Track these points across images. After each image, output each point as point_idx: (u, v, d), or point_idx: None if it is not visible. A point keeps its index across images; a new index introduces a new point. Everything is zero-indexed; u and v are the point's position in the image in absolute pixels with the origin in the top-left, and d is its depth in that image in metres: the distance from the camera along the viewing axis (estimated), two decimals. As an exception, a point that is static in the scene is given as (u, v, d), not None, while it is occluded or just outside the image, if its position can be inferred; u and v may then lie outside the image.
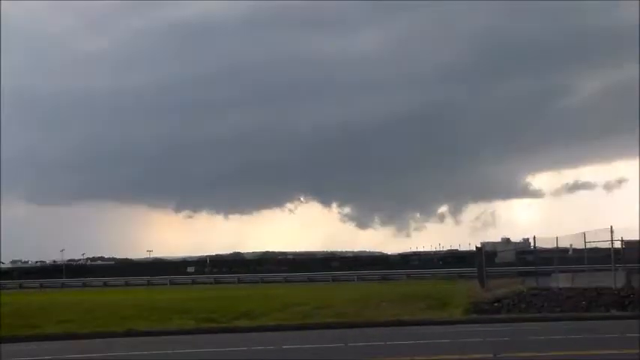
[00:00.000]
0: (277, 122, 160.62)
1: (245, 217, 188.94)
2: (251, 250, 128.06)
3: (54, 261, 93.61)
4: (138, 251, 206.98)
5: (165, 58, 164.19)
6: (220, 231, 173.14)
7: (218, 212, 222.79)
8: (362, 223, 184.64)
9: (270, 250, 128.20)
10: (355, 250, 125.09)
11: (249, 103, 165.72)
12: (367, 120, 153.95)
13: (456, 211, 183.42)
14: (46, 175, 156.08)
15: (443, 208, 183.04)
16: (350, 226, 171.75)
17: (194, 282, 59.75)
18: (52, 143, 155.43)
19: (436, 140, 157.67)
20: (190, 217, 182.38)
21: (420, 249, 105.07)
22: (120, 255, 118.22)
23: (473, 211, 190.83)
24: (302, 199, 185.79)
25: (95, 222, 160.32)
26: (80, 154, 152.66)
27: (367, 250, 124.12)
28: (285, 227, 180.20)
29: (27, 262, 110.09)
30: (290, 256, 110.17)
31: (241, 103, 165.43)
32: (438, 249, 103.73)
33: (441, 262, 74.69)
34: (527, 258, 38.03)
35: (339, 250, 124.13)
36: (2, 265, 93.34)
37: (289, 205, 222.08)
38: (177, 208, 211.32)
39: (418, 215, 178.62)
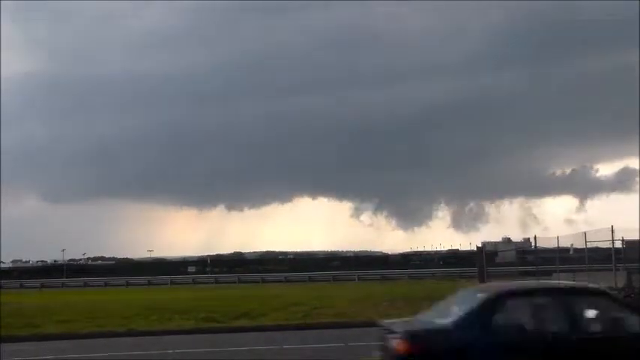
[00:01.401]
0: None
1: (250, 215, 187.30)
2: (252, 250, 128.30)
3: (55, 261, 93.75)
4: (138, 251, 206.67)
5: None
6: (228, 229, 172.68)
7: (225, 209, 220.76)
8: (381, 223, 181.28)
9: (271, 249, 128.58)
10: (366, 249, 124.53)
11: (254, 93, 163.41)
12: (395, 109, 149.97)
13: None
14: (47, 173, 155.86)
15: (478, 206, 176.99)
16: (366, 226, 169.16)
17: (195, 282, 59.78)
18: (52, 138, 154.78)
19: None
20: (196, 214, 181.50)
21: (421, 249, 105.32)
22: (120, 255, 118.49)
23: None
24: (307, 196, 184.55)
25: (95, 221, 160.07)
26: (82, 150, 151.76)
27: (368, 250, 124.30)
28: (290, 225, 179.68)
29: (28, 261, 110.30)
30: (290, 256, 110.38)
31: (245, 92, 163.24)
32: (438, 249, 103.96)
33: (441, 262, 74.85)
34: (527, 258, 37.95)
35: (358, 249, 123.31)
36: (3, 265, 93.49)
37: (296, 202, 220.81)
38: (182, 206, 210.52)
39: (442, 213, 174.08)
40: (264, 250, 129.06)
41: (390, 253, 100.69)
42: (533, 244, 31.20)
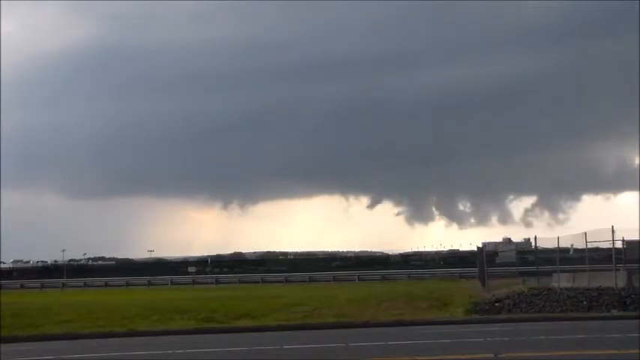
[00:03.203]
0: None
1: (251, 215, 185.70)
2: (252, 250, 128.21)
3: (55, 261, 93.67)
4: (138, 251, 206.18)
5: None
6: (228, 230, 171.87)
7: (226, 209, 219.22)
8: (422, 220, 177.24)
9: (272, 250, 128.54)
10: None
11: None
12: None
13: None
14: (47, 172, 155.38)
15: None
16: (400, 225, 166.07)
17: (195, 282, 59.70)
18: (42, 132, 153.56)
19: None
20: (197, 214, 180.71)
21: (422, 249, 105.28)
22: (120, 255, 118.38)
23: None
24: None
25: (96, 221, 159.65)
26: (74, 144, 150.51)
27: (368, 250, 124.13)
28: (289, 225, 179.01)
29: (28, 261, 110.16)
30: (290, 256, 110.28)
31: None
32: (439, 249, 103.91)
33: (442, 262, 74.72)
34: (528, 258, 37.92)
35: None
36: (3, 265, 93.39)
37: (296, 201, 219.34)
38: (183, 205, 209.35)
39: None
40: (265, 250, 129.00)
41: (390, 253, 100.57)
42: (533, 245, 31.21)
